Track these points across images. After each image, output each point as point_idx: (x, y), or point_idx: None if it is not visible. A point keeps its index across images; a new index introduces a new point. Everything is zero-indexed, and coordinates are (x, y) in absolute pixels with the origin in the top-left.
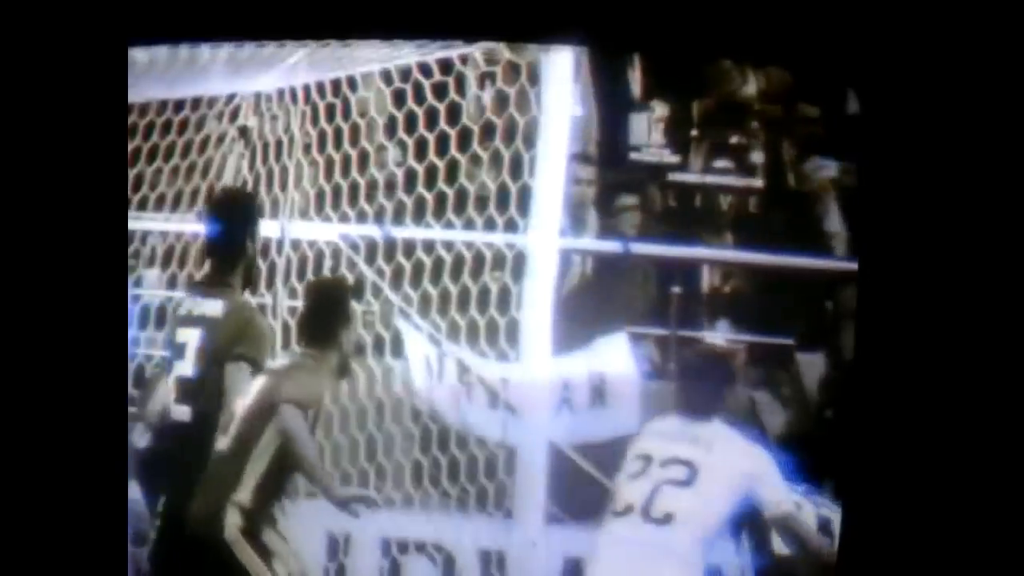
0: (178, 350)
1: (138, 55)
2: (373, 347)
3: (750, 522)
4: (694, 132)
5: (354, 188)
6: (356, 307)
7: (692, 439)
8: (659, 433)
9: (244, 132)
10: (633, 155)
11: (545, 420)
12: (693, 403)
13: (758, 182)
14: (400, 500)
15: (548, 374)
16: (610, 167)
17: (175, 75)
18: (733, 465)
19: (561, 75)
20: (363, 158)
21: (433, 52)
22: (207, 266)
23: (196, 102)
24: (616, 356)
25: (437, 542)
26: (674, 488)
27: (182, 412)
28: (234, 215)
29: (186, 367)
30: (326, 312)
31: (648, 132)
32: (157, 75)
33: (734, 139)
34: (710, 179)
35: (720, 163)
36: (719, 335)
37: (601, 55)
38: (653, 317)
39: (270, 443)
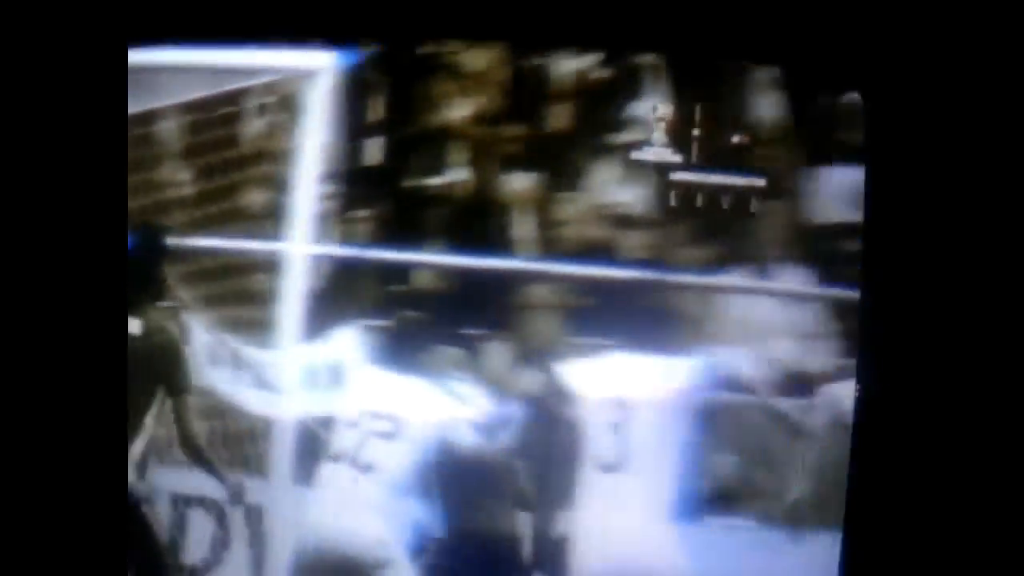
0: None
1: None
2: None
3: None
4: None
5: (156, 205)
6: None
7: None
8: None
9: None
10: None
11: (295, 396)
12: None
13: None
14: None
15: (298, 359)
16: (348, 184)
17: None
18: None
19: (317, 105)
20: (160, 181)
21: (222, 87)
22: None
23: None
24: (350, 343)
25: (212, 498)
26: (379, 439)
27: None
28: None
29: None
30: None
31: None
32: None
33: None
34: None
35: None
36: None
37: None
38: (381, 310)
39: None
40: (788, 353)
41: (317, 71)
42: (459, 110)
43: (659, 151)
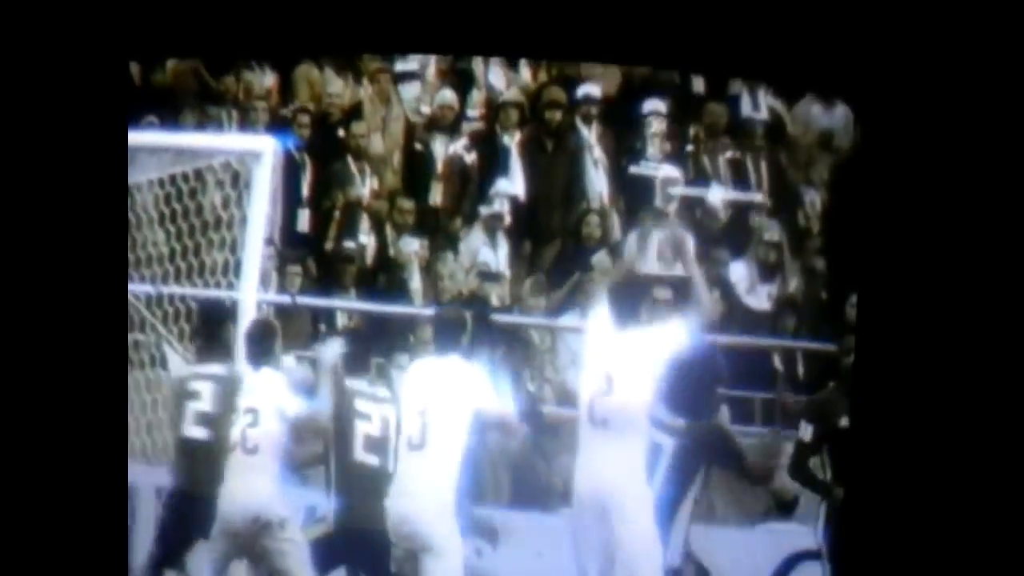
0: None
1: None
2: (148, 362)
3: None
4: None
5: (139, 260)
6: None
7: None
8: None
9: None
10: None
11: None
12: None
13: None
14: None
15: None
16: (285, 246)
17: None
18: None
19: (262, 181)
20: (143, 239)
21: (188, 165)
22: None
23: None
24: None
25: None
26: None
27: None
28: None
29: None
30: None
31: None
32: None
33: None
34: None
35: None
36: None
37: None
38: (304, 343)
39: None
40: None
41: (261, 153)
42: (365, 186)
43: (655, 165)
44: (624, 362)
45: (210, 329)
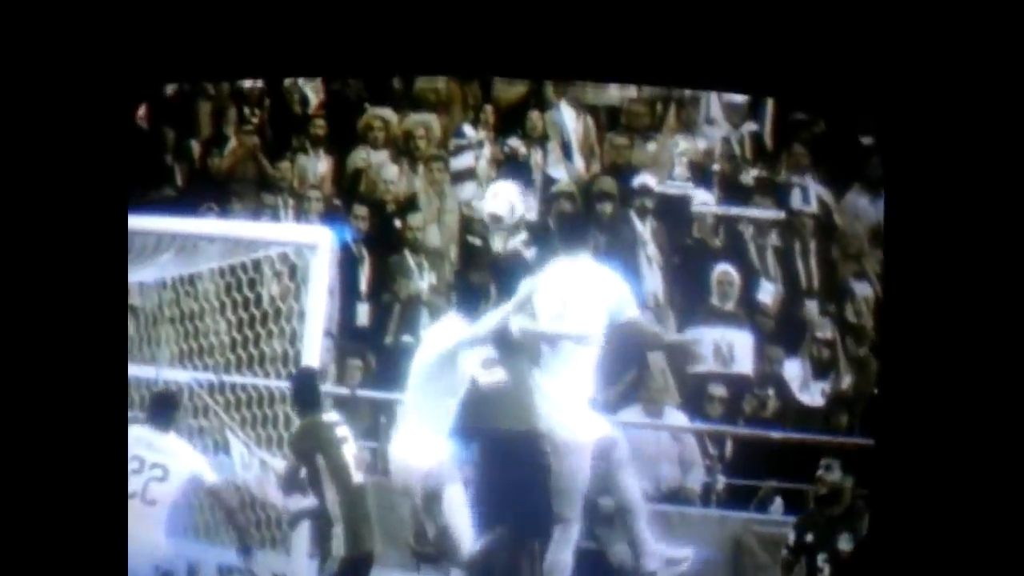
0: None
1: None
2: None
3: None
4: None
5: (201, 348)
6: None
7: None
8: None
9: (132, 309)
10: None
11: None
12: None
13: None
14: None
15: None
16: (344, 339)
17: None
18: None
19: (319, 273)
20: (205, 329)
21: (246, 255)
22: None
23: None
24: None
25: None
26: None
27: None
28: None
29: None
30: None
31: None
32: None
33: None
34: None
35: None
36: None
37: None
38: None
39: None
40: None
41: (317, 245)
42: (424, 280)
43: (681, 185)
44: None
45: None
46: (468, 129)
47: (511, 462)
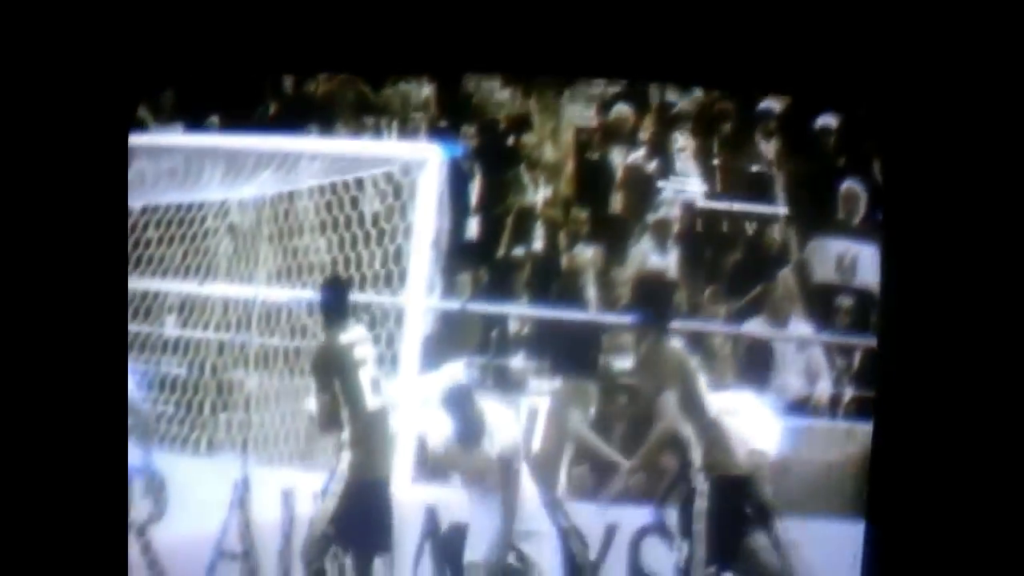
0: None
1: (147, 169)
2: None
3: None
4: None
5: (300, 267)
6: None
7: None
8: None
9: (231, 227)
10: None
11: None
12: None
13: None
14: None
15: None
16: (452, 254)
17: (181, 186)
18: None
19: (428, 191)
20: (304, 247)
21: (349, 173)
22: None
23: (199, 205)
24: (455, 374)
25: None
26: None
27: None
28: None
29: None
30: None
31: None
32: (165, 186)
33: None
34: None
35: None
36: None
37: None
38: (479, 350)
39: None
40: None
41: (425, 161)
42: (539, 195)
43: (682, 180)
44: None
45: None
46: None
47: None
